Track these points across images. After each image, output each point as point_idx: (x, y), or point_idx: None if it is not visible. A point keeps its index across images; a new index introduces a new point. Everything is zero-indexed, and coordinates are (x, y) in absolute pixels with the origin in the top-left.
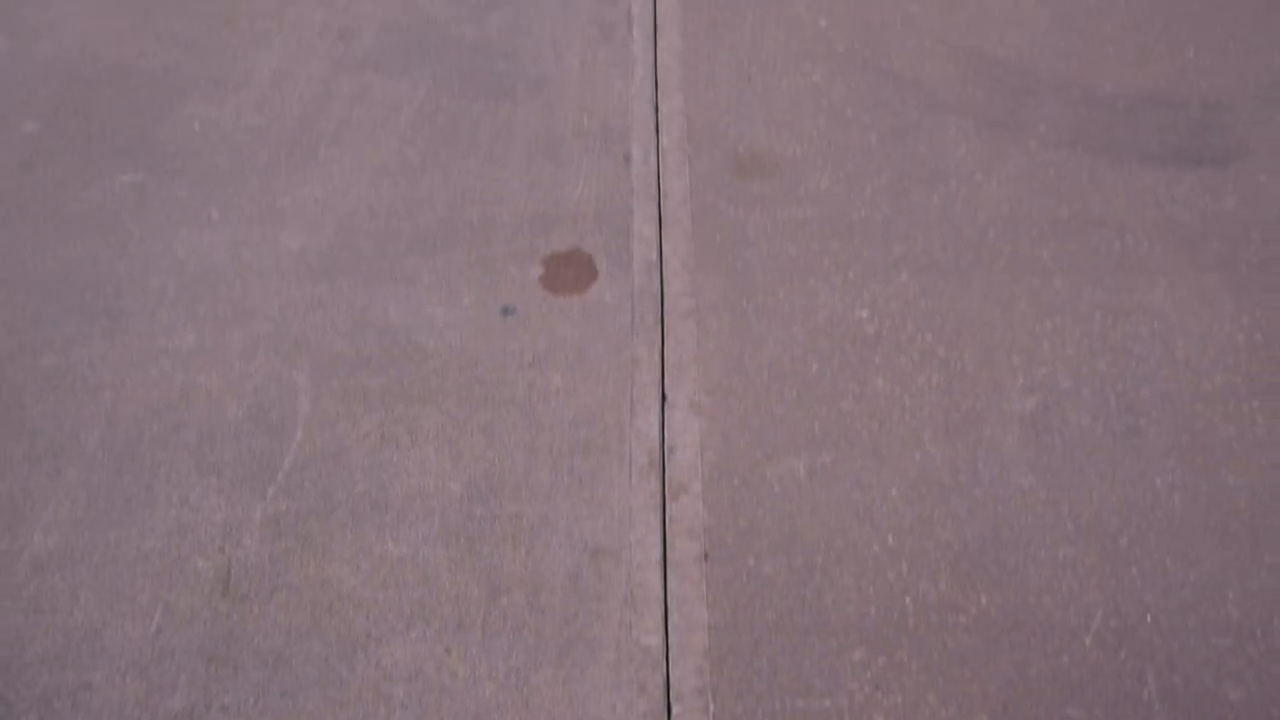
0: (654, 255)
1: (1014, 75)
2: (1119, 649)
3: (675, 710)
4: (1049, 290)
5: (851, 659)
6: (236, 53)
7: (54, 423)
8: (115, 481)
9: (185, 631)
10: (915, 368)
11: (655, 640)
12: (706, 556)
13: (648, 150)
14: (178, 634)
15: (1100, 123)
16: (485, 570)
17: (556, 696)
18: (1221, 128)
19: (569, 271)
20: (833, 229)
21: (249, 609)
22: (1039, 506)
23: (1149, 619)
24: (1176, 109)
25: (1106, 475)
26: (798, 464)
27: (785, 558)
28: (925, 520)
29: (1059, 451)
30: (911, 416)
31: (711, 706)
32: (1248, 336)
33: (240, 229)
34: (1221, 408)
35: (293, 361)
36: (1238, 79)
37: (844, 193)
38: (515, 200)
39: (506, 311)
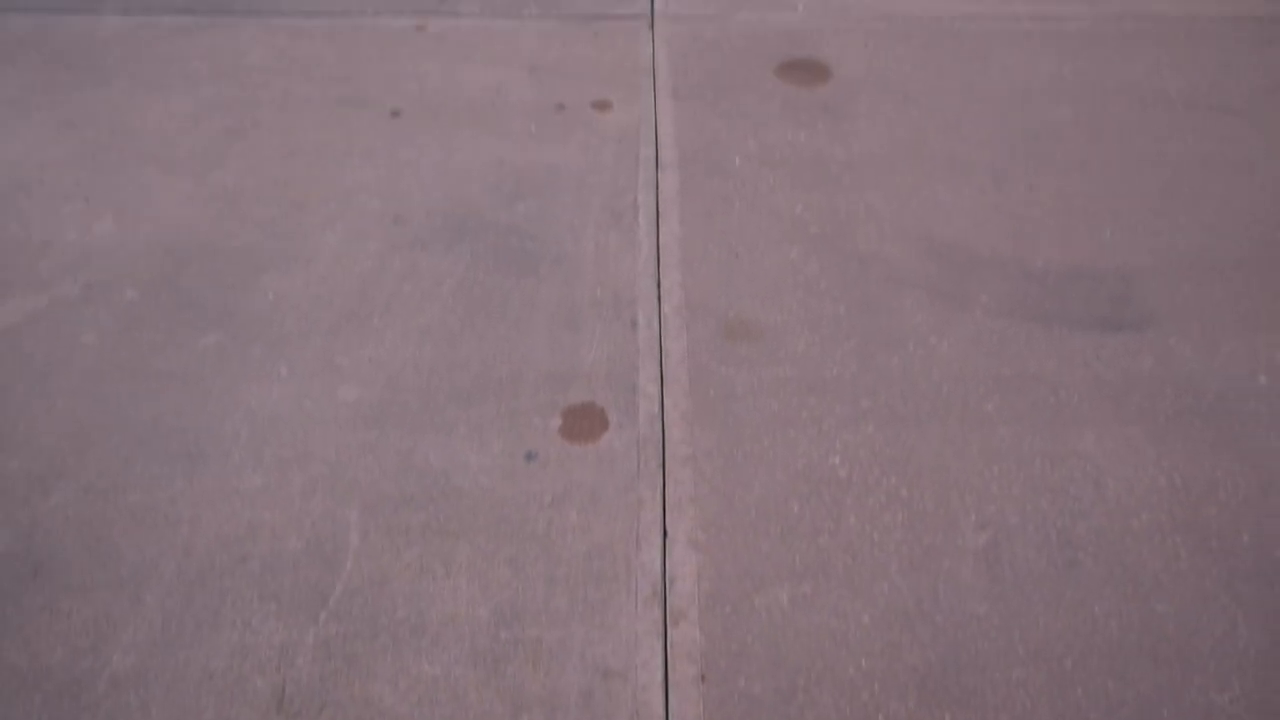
0: (656, 408)
1: (960, 254)
2: None
3: None
4: (995, 438)
5: None
6: (307, 233)
7: (137, 553)
8: (187, 607)
9: None
10: (882, 507)
11: None
12: (703, 678)
13: (651, 318)
14: None
15: (1034, 294)
16: (509, 689)
17: None
18: (1136, 298)
19: (584, 422)
20: (809, 386)
21: None
22: (993, 632)
23: None
24: (1097, 282)
25: (1051, 604)
26: (782, 594)
27: (772, 679)
28: (894, 645)
29: (1009, 582)
30: (880, 551)
31: None
32: (1168, 479)
33: (304, 383)
34: (1149, 543)
35: (345, 500)
36: (1148, 256)
37: (818, 355)
38: (539, 361)
39: (530, 457)
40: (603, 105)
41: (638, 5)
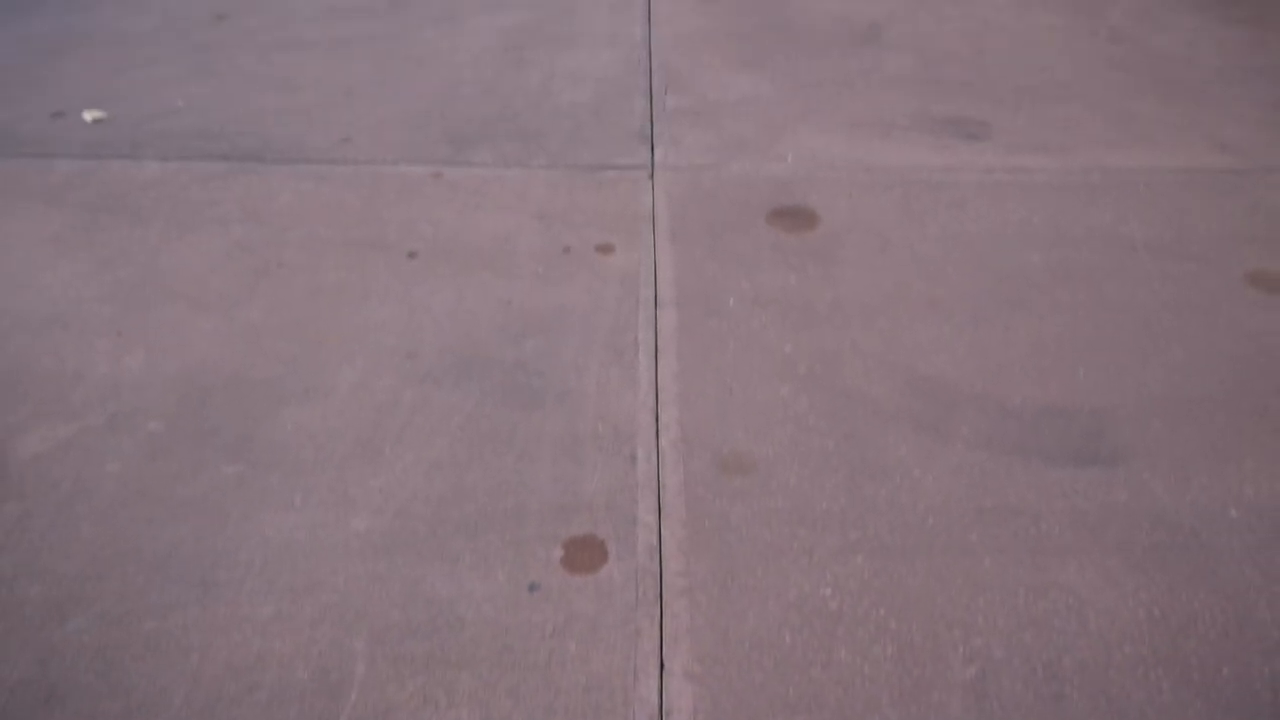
0: (654, 540)
1: (941, 390)
2: None
3: None
4: (980, 570)
5: None
6: (326, 368)
7: (148, 680)
8: None
9: None
10: (872, 639)
11: None
12: None
13: (649, 452)
14: None
15: (1012, 429)
16: None
17: None
18: (1109, 434)
19: (585, 554)
20: (800, 517)
21: None
22: None
23: None
24: (1072, 419)
25: None
26: None
27: None
28: None
29: (998, 715)
30: (871, 683)
31: None
32: (1148, 612)
33: (318, 513)
34: (1132, 676)
35: (353, 630)
36: (1119, 395)
37: (808, 488)
38: (543, 492)
39: (533, 588)
40: (606, 249)
41: (639, 156)
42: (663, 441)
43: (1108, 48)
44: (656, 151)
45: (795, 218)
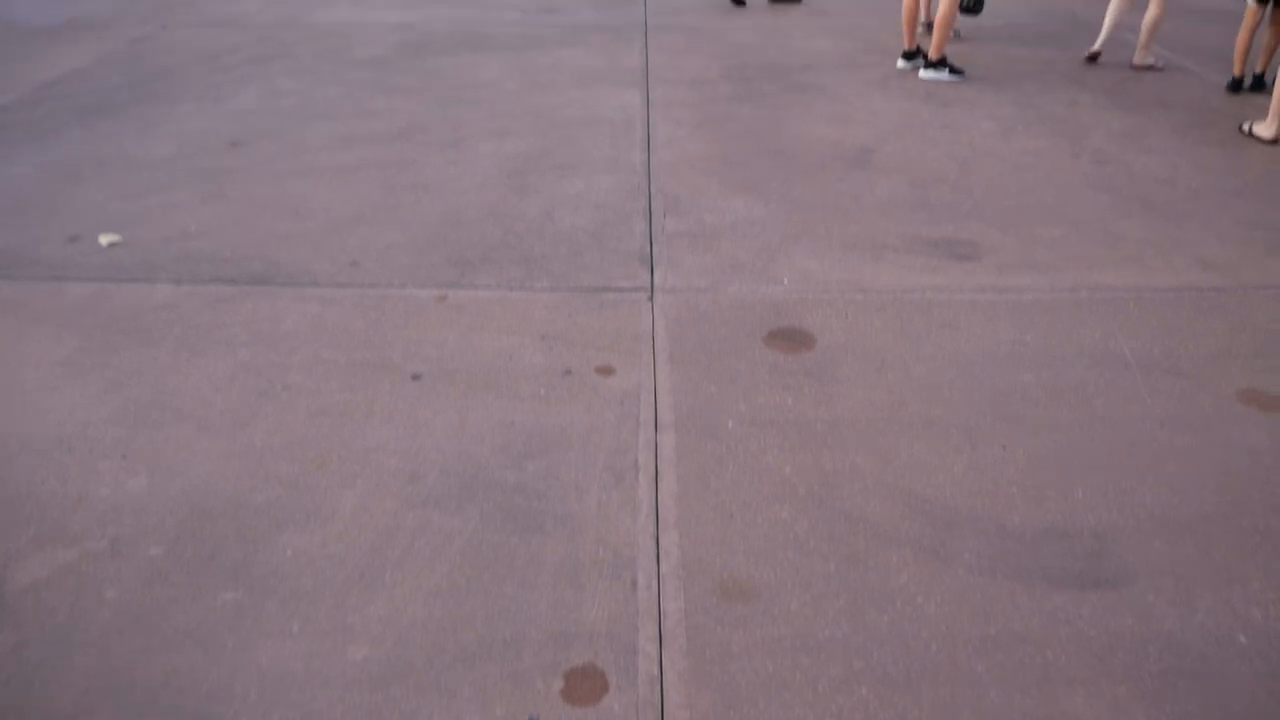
0: (655, 670)
1: (940, 511)
2: None
3: None
4: (987, 701)
5: None
6: (327, 491)
7: None
8: None
9: None
10: None
11: None
12: None
13: (650, 578)
14: None
15: (1013, 551)
16: None
17: None
18: (1111, 555)
19: (585, 684)
20: (802, 645)
21: None
22: None
23: None
24: (1072, 540)
25: None
26: None
27: None
28: None
29: None
30: None
31: None
32: None
33: (315, 641)
34: None
35: None
36: (1118, 514)
37: (810, 614)
38: (542, 620)
39: None
40: (606, 370)
41: (639, 279)
42: (663, 567)
43: (1091, 170)
44: (656, 274)
45: (792, 339)
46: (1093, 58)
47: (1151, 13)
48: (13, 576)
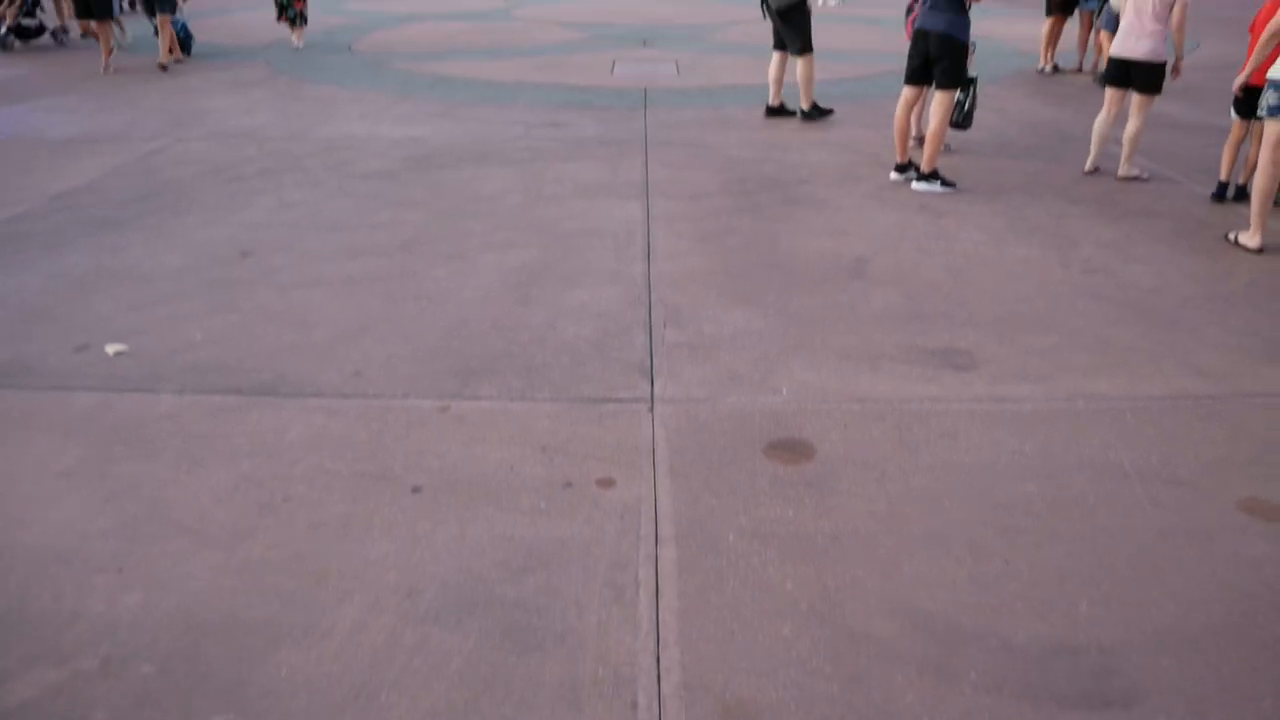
0: None
1: (944, 627)
2: None
3: None
4: None
5: None
6: (325, 606)
7: None
8: None
9: None
10: None
11: None
12: None
13: (651, 698)
14: None
15: (1019, 669)
16: None
17: None
18: (1119, 672)
19: None
20: None
21: None
22: None
23: None
24: (1079, 656)
25: None
26: None
27: None
28: None
29: None
30: None
31: None
32: None
33: None
34: None
35: None
36: (1124, 629)
37: None
38: None
39: None
40: (607, 483)
41: (639, 390)
42: (664, 687)
43: (1082, 279)
44: (656, 385)
45: (791, 450)
46: (1092, 172)
47: (1132, 126)
48: (1, 699)
